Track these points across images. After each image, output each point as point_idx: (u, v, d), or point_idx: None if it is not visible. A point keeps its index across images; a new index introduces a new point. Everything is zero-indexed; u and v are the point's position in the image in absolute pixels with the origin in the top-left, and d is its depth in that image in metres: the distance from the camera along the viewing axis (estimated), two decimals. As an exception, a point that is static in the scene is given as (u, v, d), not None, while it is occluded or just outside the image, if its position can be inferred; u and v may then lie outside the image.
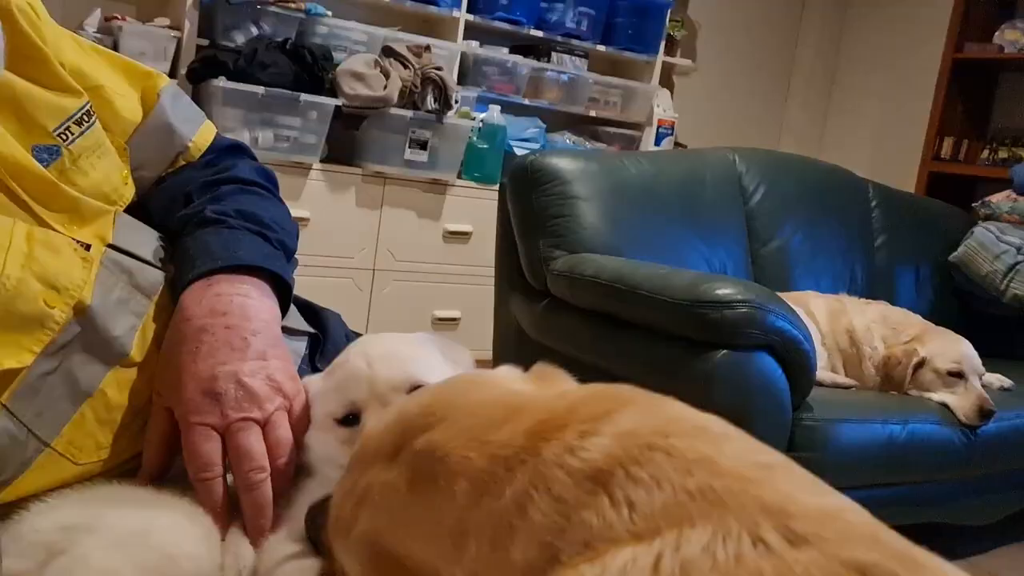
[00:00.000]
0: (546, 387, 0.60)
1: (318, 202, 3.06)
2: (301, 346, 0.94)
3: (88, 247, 0.76)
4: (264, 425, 0.73)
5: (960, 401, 2.25)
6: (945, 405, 2.26)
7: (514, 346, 2.47)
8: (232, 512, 0.72)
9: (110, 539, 0.64)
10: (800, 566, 0.38)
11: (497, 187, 2.55)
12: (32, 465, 0.70)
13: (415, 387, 0.72)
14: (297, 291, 1.02)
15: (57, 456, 0.71)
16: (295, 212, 3.01)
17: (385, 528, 0.54)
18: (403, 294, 3.29)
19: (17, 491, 0.69)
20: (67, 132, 0.78)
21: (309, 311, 1.01)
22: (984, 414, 2.23)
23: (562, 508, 0.47)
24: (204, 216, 0.85)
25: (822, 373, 2.32)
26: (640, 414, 0.51)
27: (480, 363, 2.71)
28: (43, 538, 0.64)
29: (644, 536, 0.43)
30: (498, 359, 2.57)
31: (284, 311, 0.86)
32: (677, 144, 4.19)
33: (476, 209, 3.36)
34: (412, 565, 0.52)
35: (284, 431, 0.74)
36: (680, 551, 0.41)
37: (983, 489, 2.38)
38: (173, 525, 0.68)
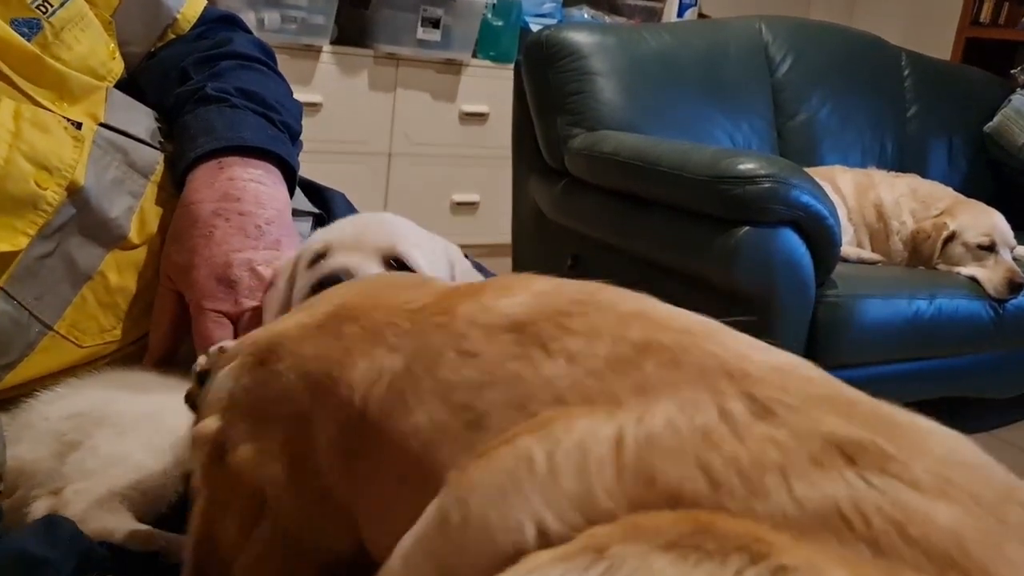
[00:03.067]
0: None
1: (330, 86, 2.99)
2: (306, 227, 0.92)
3: (79, 125, 0.73)
4: None
5: (989, 274, 2.21)
6: (974, 279, 2.22)
7: (533, 228, 2.44)
8: None
9: (120, 425, 0.64)
10: (774, 446, 0.34)
11: (513, 65, 2.46)
12: (36, 348, 0.69)
13: (391, 256, 0.69)
14: (312, 177, 1.00)
15: (60, 339, 0.70)
16: (306, 97, 2.95)
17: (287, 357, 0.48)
18: (420, 178, 3.25)
19: (23, 374, 0.69)
20: (46, 3, 0.74)
21: (312, 191, 0.98)
22: (1014, 287, 2.18)
23: (479, 363, 0.41)
24: (205, 93, 0.82)
25: (847, 248, 2.28)
26: (557, 281, 0.46)
27: (500, 247, 2.70)
28: (53, 426, 0.64)
29: (597, 402, 0.37)
30: (517, 242, 2.55)
31: (290, 195, 0.84)
32: (701, 15, 4.01)
33: (492, 89, 3.27)
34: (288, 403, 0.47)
35: None
36: (643, 423, 0.36)
37: (1009, 362, 2.36)
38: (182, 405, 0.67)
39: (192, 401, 0.58)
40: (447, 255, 0.75)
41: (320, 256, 0.70)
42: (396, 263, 0.69)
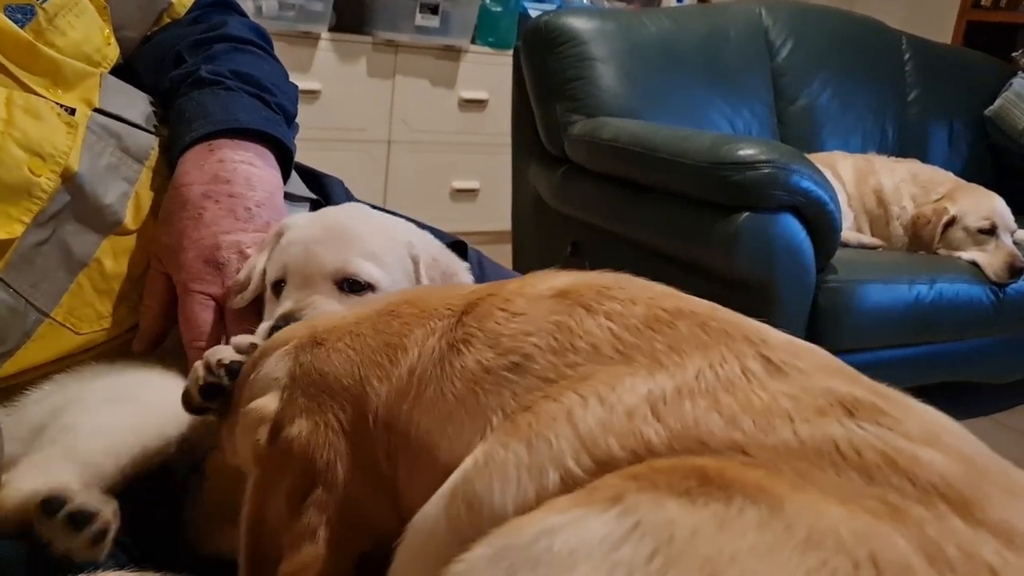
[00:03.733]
0: None
1: (328, 74, 2.97)
2: (303, 212, 0.91)
3: (73, 111, 0.72)
4: None
5: (990, 258, 2.21)
6: (975, 263, 2.21)
7: (533, 215, 2.44)
8: None
9: (87, 399, 0.64)
10: (784, 397, 0.38)
11: (512, 51, 2.45)
12: (33, 336, 0.69)
13: (345, 278, 0.70)
14: (311, 165, 0.99)
15: (57, 326, 0.70)
16: (304, 84, 2.94)
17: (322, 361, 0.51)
18: (420, 165, 3.24)
19: (21, 362, 0.68)
20: None
21: (310, 177, 0.98)
22: (1014, 271, 2.18)
23: (525, 318, 0.45)
24: (199, 76, 0.81)
25: (848, 234, 2.27)
26: (595, 272, 0.51)
27: (500, 234, 2.70)
28: (35, 420, 0.64)
29: (634, 360, 0.41)
30: (517, 229, 2.54)
31: (285, 178, 0.84)
32: (701, 0, 3.99)
33: (492, 75, 3.26)
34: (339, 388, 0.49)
35: None
36: (676, 377, 0.40)
37: (1009, 347, 2.36)
38: (161, 383, 0.68)
39: (192, 402, 0.58)
40: (409, 252, 0.74)
41: (280, 282, 0.70)
42: (350, 283, 0.70)
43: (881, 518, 0.32)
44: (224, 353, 0.59)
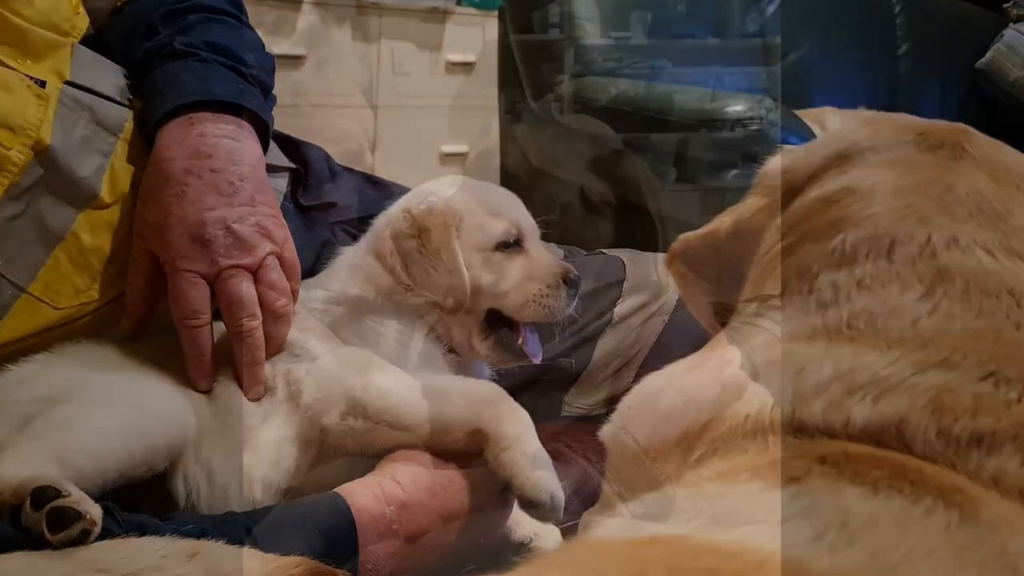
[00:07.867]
0: None
1: (312, 38, 2.93)
2: (282, 183, 0.91)
3: (43, 84, 0.71)
4: (255, 272, 0.72)
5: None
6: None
7: (522, 177, 2.43)
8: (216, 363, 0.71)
9: (86, 400, 0.63)
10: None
11: (498, 12, 2.42)
12: (11, 311, 0.69)
13: None
14: (296, 132, 0.98)
15: (35, 301, 0.70)
16: (287, 50, 2.89)
17: None
18: (407, 130, 3.21)
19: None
20: None
21: (288, 144, 0.97)
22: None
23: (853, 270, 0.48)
24: (173, 48, 0.80)
25: (838, 191, 2.27)
26: None
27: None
28: (23, 409, 0.64)
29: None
30: (506, 192, 2.53)
31: (263, 151, 0.83)
32: (689, -44, 3.94)
33: (478, 37, 3.22)
34: None
35: (276, 275, 0.73)
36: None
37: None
38: (156, 385, 0.67)
39: None
40: None
41: (512, 242, 0.83)
42: None
43: None
44: None
